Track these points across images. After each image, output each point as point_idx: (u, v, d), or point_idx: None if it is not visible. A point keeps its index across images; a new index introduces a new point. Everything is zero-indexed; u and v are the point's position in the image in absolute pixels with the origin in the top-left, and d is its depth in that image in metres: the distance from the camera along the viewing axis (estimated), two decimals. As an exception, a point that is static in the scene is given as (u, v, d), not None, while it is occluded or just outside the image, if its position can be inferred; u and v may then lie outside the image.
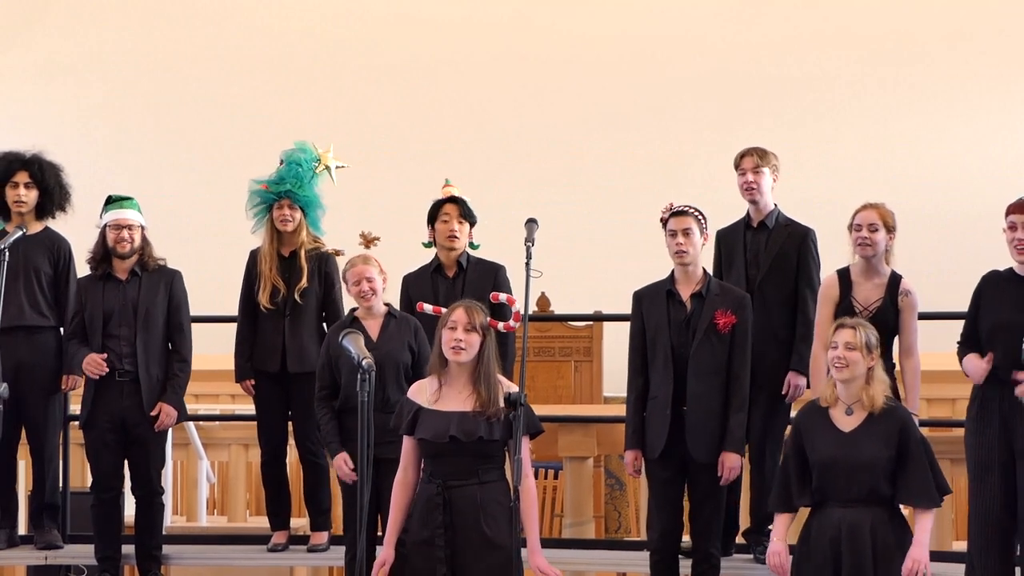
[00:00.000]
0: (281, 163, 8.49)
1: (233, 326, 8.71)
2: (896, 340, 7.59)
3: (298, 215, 8.38)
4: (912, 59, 13.92)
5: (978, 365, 7.00)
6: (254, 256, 8.49)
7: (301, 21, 14.44)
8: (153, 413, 8.23)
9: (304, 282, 8.32)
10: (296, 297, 8.32)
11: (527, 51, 14.32)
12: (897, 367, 7.46)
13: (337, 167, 8.60)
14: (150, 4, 14.60)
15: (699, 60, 14.09)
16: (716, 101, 13.65)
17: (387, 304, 7.79)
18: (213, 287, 9.23)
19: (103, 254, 8.31)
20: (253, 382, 8.51)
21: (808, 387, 7.77)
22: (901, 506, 6.64)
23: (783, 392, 7.67)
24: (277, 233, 8.40)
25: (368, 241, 8.11)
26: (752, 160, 8.03)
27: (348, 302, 8.00)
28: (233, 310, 8.78)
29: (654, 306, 7.58)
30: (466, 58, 14.31)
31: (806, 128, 13.21)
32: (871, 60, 13.94)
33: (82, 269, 8.56)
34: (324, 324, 8.30)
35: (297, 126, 9.68)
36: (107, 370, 8.13)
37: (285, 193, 8.38)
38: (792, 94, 13.62)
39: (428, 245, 8.31)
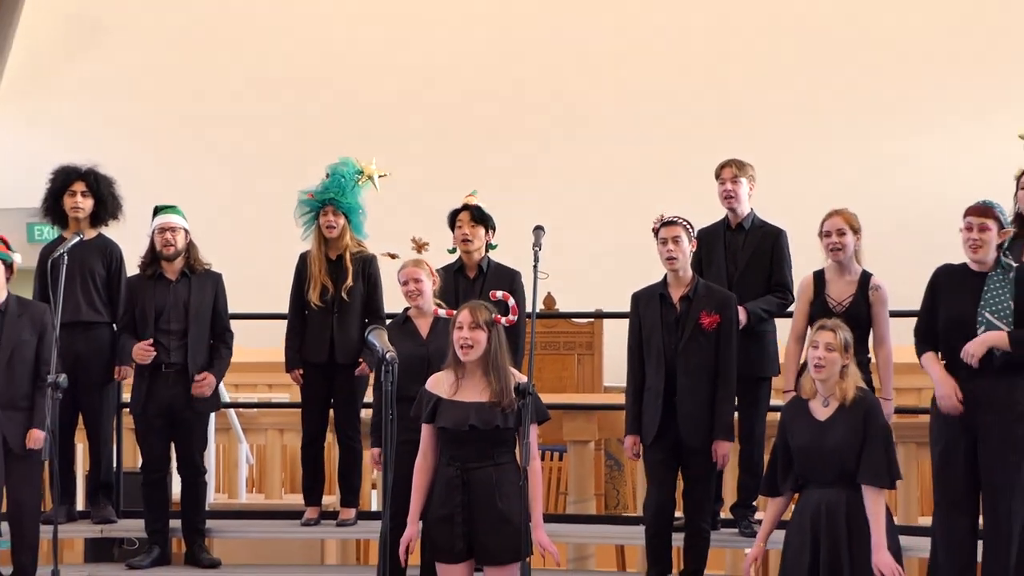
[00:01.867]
0: (327, 176, 8.53)
1: (269, 323, 8.73)
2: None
3: (342, 221, 8.40)
4: (887, 81, 13.90)
5: (946, 383, 6.99)
6: (304, 259, 8.53)
7: (332, 45, 14.42)
8: (198, 378, 8.27)
9: (350, 281, 8.36)
10: (343, 295, 8.35)
11: (540, 76, 14.31)
12: (872, 357, 7.47)
13: (380, 176, 8.63)
14: (193, 31, 14.59)
15: (694, 78, 14.06)
16: (709, 116, 13.61)
17: (439, 304, 7.79)
18: (250, 287, 9.22)
19: (152, 257, 8.34)
20: (301, 372, 8.52)
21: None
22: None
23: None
24: (324, 238, 8.42)
25: (419, 246, 8.11)
26: (731, 171, 8.11)
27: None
28: (268, 309, 8.80)
29: (649, 307, 7.65)
30: (485, 84, 14.30)
31: (790, 142, 13.18)
32: (851, 81, 13.92)
33: (133, 272, 8.58)
34: (366, 320, 8.29)
35: (324, 141, 9.65)
36: (154, 353, 8.17)
37: (329, 201, 8.42)
38: (777, 108, 13.59)
39: (452, 251, 8.36)
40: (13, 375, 7.60)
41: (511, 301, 7.65)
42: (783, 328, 8.01)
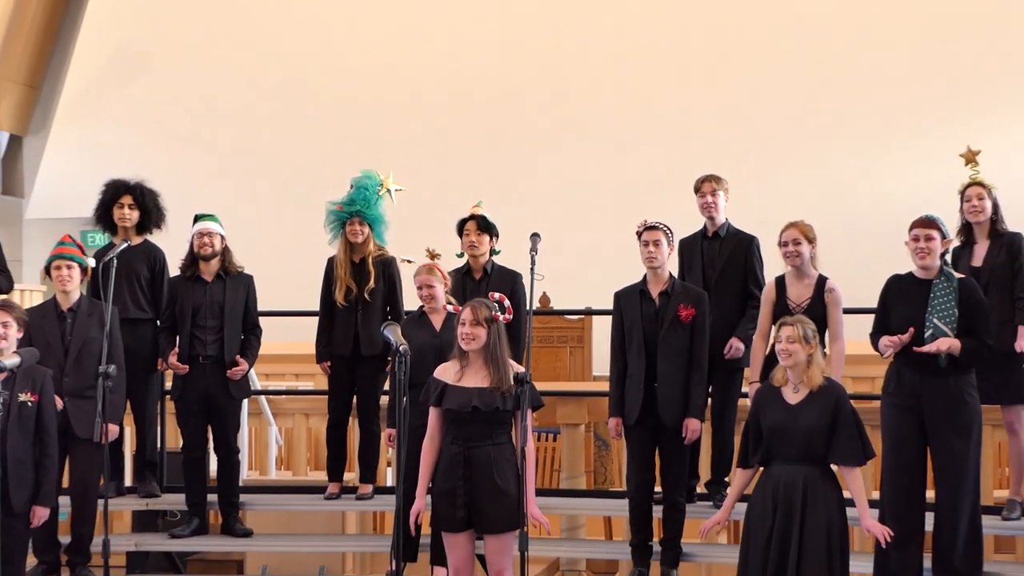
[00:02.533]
0: (351, 188, 8.55)
1: (296, 320, 8.76)
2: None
3: (366, 229, 8.44)
4: (847, 106, 13.90)
5: (894, 339, 7.01)
6: (331, 263, 8.54)
7: (355, 70, 14.41)
8: (236, 365, 8.34)
9: (372, 283, 8.38)
10: (366, 295, 8.37)
11: (537, 88, 14.27)
12: (826, 351, 7.50)
13: (396, 190, 8.67)
14: (230, 60, 14.59)
15: (680, 96, 14.03)
16: (691, 132, 13.60)
17: (450, 301, 7.83)
18: (280, 288, 9.26)
19: (191, 260, 8.40)
20: (329, 363, 8.56)
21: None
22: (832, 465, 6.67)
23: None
24: (349, 244, 8.45)
25: (432, 256, 8.21)
26: (710, 185, 8.11)
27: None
28: (295, 307, 8.84)
29: (630, 303, 7.70)
30: (486, 94, 14.28)
31: (762, 159, 13.18)
32: (816, 106, 13.90)
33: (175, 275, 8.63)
34: (388, 317, 8.30)
35: (348, 157, 9.68)
36: (187, 369, 8.27)
37: (355, 212, 8.44)
38: (750, 132, 13.58)
39: (460, 255, 8.42)
40: (81, 368, 7.69)
41: (506, 302, 7.75)
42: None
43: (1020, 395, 7.68)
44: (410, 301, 8.47)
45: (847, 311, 7.71)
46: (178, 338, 8.40)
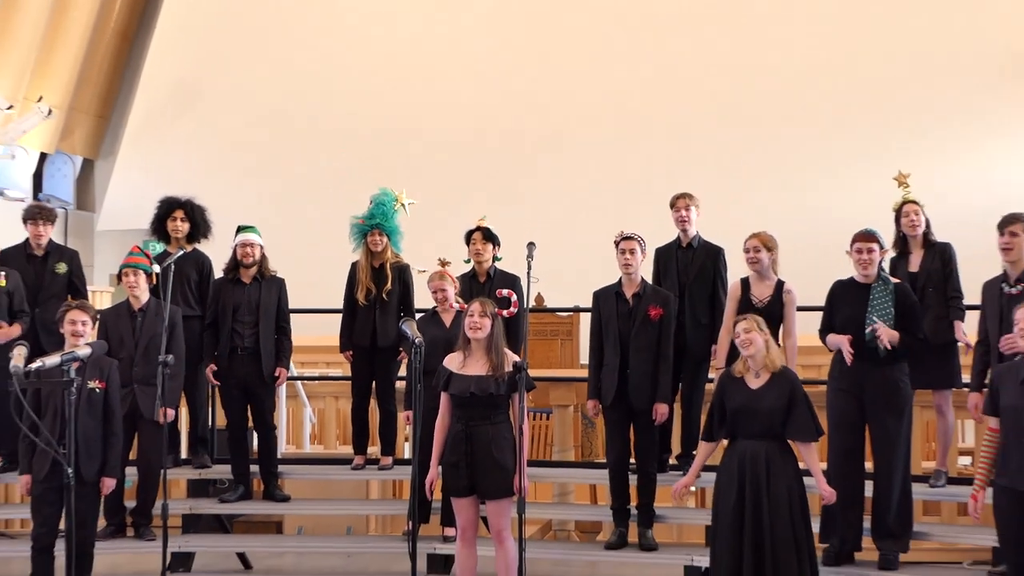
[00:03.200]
0: (371, 203, 8.55)
1: (325, 316, 8.75)
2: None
3: (384, 239, 8.45)
4: (800, 135, 13.90)
5: (841, 338, 7.05)
6: (354, 267, 8.54)
7: (374, 104, 14.41)
8: (276, 375, 8.38)
9: (389, 286, 8.40)
10: (383, 295, 8.38)
11: (534, 119, 14.28)
12: (781, 344, 7.50)
13: (409, 204, 8.67)
14: (269, 95, 14.60)
15: (654, 128, 14.04)
16: (665, 154, 13.59)
17: (459, 300, 7.85)
18: (311, 289, 9.25)
19: (233, 265, 8.42)
20: (351, 353, 8.55)
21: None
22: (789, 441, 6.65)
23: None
24: (370, 251, 8.46)
25: (443, 264, 8.20)
26: (684, 201, 8.12)
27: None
28: (324, 305, 8.83)
29: (607, 302, 7.72)
30: (491, 122, 14.28)
31: (731, 175, 13.17)
32: (771, 134, 13.91)
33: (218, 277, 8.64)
34: (401, 313, 8.30)
35: (368, 176, 9.67)
36: (217, 383, 8.40)
37: (375, 224, 8.45)
38: (721, 152, 13.59)
39: (467, 262, 8.42)
40: (148, 360, 7.71)
41: (513, 297, 7.79)
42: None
43: (950, 381, 7.73)
44: (420, 300, 8.51)
45: (800, 309, 7.71)
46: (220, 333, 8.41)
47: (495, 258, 8.40)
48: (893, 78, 13.85)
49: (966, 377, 7.64)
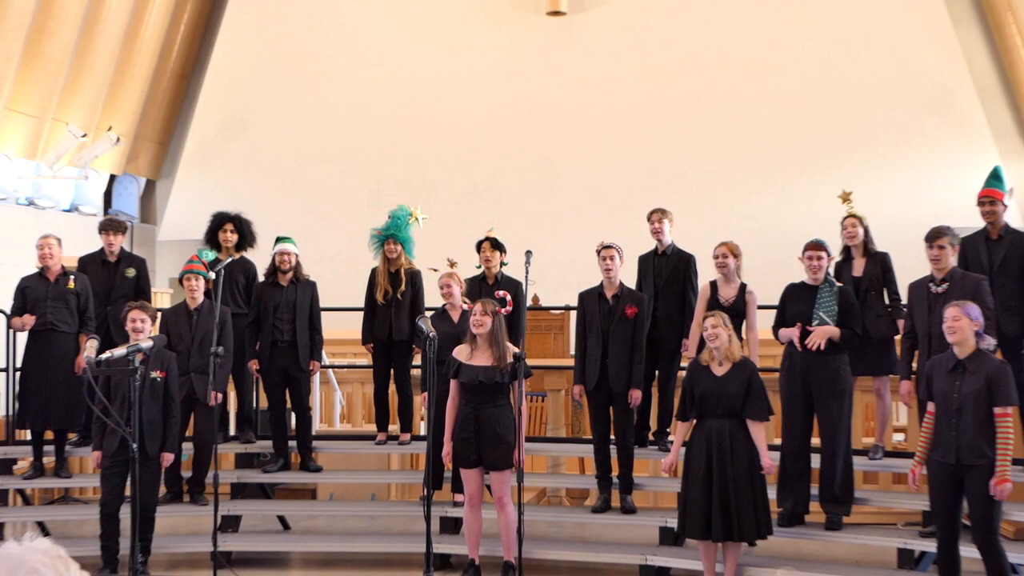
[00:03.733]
0: (389, 217, 8.60)
1: (352, 314, 8.79)
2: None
3: (399, 248, 8.50)
4: (760, 156, 13.94)
5: (791, 331, 7.14)
6: (374, 272, 8.60)
7: (394, 135, 14.44)
8: (311, 368, 8.46)
9: (403, 287, 8.45)
10: (398, 296, 8.43)
11: (533, 141, 14.29)
12: (744, 338, 7.55)
13: (423, 218, 8.71)
14: (306, 124, 14.63)
15: (635, 155, 14.07)
16: (644, 175, 13.60)
17: (465, 301, 7.88)
18: (340, 291, 9.30)
19: (272, 270, 8.48)
20: (372, 345, 8.60)
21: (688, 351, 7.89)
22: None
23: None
24: (387, 258, 8.51)
25: (452, 264, 8.24)
26: (658, 215, 8.16)
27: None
28: (352, 304, 8.88)
29: (590, 301, 7.81)
30: (496, 146, 14.30)
31: (699, 194, 13.19)
32: (736, 157, 13.94)
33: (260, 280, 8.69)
34: (412, 312, 8.35)
35: (390, 191, 9.73)
36: (257, 367, 8.44)
37: (391, 235, 8.51)
38: (690, 174, 13.59)
39: (478, 267, 8.46)
40: (203, 352, 7.78)
41: (508, 297, 7.85)
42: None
43: (888, 369, 7.75)
44: (431, 300, 8.58)
45: (760, 307, 7.77)
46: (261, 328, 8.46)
47: (502, 263, 8.43)
48: (838, 109, 13.89)
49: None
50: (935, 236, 6.93)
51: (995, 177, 7.28)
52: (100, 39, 13.51)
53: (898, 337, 7.70)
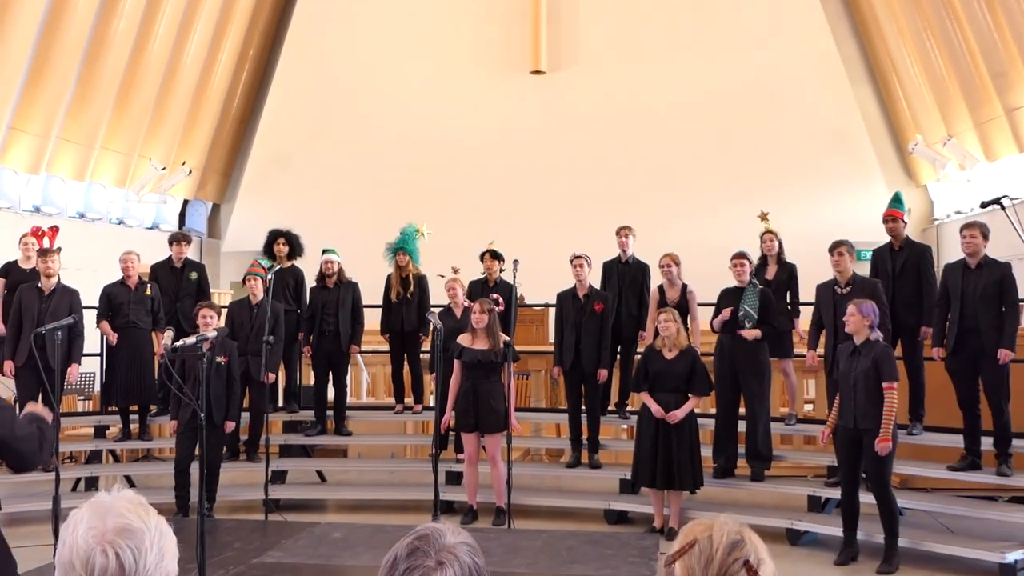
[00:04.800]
0: (400, 234, 8.56)
1: (376, 310, 8.77)
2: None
3: (407, 258, 8.45)
4: (693, 186, 13.95)
5: (724, 313, 7.14)
6: (389, 277, 8.55)
7: (408, 163, 14.44)
8: (352, 350, 8.42)
9: (412, 289, 8.39)
10: (408, 296, 8.38)
11: (519, 176, 14.29)
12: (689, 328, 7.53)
13: (428, 233, 8.67)
14: (337, 157, 14.62)
15: (608, 178, 14.07)
16: (608, 198, 13.56)
17: (468, 299, 7.85)
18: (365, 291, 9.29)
19: (320, 276, 8.43)
20: (388, 336, 8.55)
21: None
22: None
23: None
24: (398, 266, 8.46)
25: (455, 271, 8.22)
26: (625, 231, 8.12)
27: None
28: (376, 301, 8.88)
29: (565, 300, 7.79)
30: (491, 170, 14.30)
31: (652, 216, 13.17)
32: (680, 185, 13.95)
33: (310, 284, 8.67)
34: (420, 309, 8.31)
35: (406, 210, 9.67)
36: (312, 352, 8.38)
37: (401, 248, 8.47)
38: (646, 200, 13.58)
39: (482, 274, 8.41)
40: (260, 338, 7.68)
41: (500, 299, 7.79)
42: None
43: (786, 352, 7.75)
44: (436, 298, 8.51)
45: (700, 305, 7.76)
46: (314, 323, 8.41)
47: (500, 270, 8.40)
48: (759, 147, 13.92)
49: (800, 349, 7.71)
50: (835, 246, 6.94)
51: (896, 200, 7.31)
52: (176, 90, 13.47)
53: (795, 329, 7.77)
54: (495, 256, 8.36)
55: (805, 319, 7.69)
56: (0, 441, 3.12)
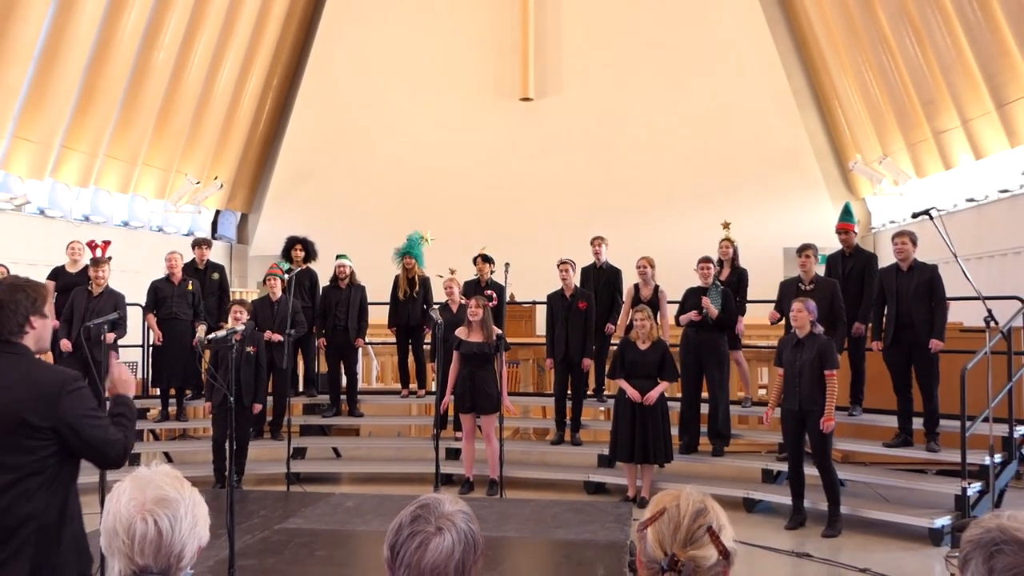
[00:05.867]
0: (406, 240, 8.52)
1: (384, 307, 8.74)
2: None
3: (413, 261, 8.39)
4: (663, 199, 13.95)
5: (690, 314, 7.14)
6: (397, 278, 8.49)
7: (420, 175, 14.41)
8: (357, 344, 8.31)
9: (417, 288, 8.34)
10: (413, 294, 8.32)
11: (510, 190, 14.27)
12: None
13: (432, 239, 8.63)
14: (352, 173, 14.58)
15: (581, 190, 14.07)
16: (592, 212, 13.57)
17: (463, 297, 7.81)
18: (374, 290, 9.25)
19: (334, 278, 8.37)
20: (395, 329, 8.51)
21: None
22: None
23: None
24: (405, 268, 8.41)
25: (452, 272, 8.19)
26: (598, 240, 8.07)
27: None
28: (382, 299, 8.85)
29: (555, 300, 7.74)
30: (486, 185, 14.28)
31: (627, 225, 13.17)
32: (656, 198, 13.95)
33: (324, 285, 8.60)
34: (424, 306, 8.26)
35: (411, 219, 9.64)
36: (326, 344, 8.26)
37: (407, 252, 8.43)
38: (621, 211, 13.57)
39: (476, 276, 8.36)
40: (280, 331, 7.65)
41: (494, 295, 7.77)
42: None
43: (735, 346, 7.66)
44: (437, 296, 8.48)
45: (668, 302, 7.75)
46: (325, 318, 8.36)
47: (491, 272, 8.35)
48: (719, 166, 13.92)
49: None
50: (803, 249, 6.90)
51: (846, 212, 7.33)
52: (210, 113, 13.41)
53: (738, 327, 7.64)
54: (486, 260, 8.34)
55: (748, 318, 7.82)
56: (73, 431, 2.43)
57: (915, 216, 6.15)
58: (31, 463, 2.37)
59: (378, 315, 8.76)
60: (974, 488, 5.98)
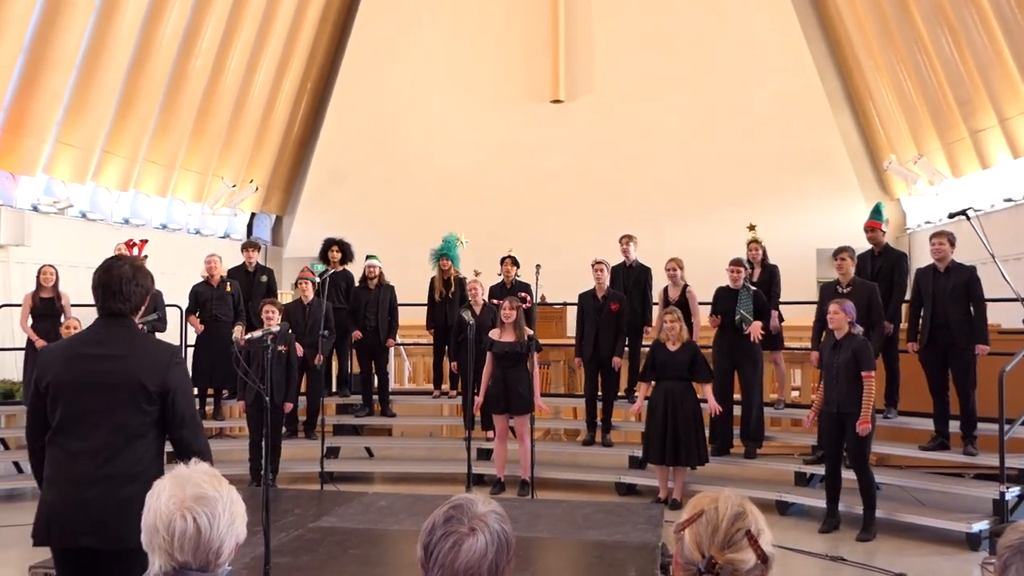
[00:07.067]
0: (442, 241, 8.52)
1: (416, 308, 8.74)
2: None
3: (449, 263, 8.39)
4: (692, 200, 13.85)
5: (714, 319, 7.10)
6: (432, 280, 8.49)
7: (451, 179, 14.45)
8: (388, 343, 8.35)
9: (453, 289, 8.33)
10: (449, 295, 8.32)
11: (540, 194, 14.25)
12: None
13: (465, 241, 8.62)
14: (384, 175, 14.66)
15: (611, 192, 14.01)
16: (620, 212, 13.52)
17: (485, 300, 7.81)
18: (410, 290, 9.26)
19: (364, 278, 8.40)
20: (432, 330, 8.51)
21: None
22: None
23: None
24: (441, 269, 8.41)
25: (477, 274, 8.19)
26: (626, 240, 8.05)
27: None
28: (415, 300, 8.84)
29: (586, 300, 7.70)
30: (515, 191, 14.29)
31: (655, 224, 13.08)
32: (682, 200, 13.85)
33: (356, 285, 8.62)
34: (460, 306, 8.27)
35: (444, 222, 9.64)
36: (361, 335, 8.29)
37: (444, 254, 8.43)
38: (649, 212, 13.49)
39: (500, 276, 8.36)
40: (313, 333, 7.71)
41: (528, 297, 7.75)
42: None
43: (778, 346, 7.63)
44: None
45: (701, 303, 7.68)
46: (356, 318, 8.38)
47: (517, 275, 8.36)
48: (751, 168, 13.81)
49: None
50: (838, 252, 6.78)
51: (876, 212, 7.22)
52: (245, 118, 13.57)
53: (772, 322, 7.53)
54: (513, 262, 8.33)
55: (784, 313, 7.71)
56: (174, 402, 2.67)
57: (952, 216, 6.03)
58: (140, 426, 2.65)
59: (409, 316, 8.77)
60: (1013, 492, 5.85)
